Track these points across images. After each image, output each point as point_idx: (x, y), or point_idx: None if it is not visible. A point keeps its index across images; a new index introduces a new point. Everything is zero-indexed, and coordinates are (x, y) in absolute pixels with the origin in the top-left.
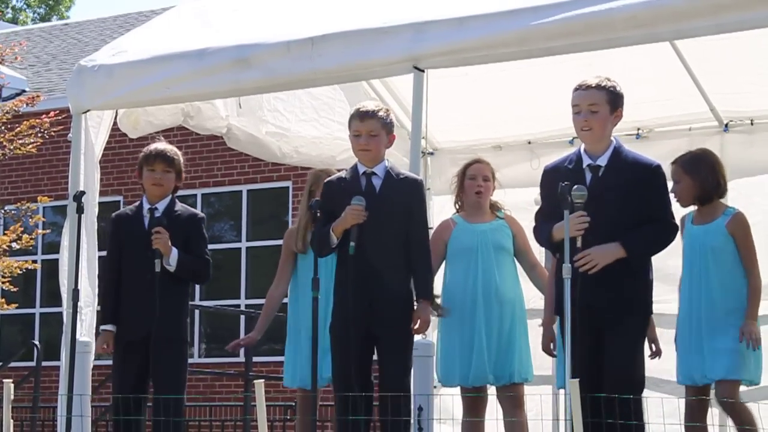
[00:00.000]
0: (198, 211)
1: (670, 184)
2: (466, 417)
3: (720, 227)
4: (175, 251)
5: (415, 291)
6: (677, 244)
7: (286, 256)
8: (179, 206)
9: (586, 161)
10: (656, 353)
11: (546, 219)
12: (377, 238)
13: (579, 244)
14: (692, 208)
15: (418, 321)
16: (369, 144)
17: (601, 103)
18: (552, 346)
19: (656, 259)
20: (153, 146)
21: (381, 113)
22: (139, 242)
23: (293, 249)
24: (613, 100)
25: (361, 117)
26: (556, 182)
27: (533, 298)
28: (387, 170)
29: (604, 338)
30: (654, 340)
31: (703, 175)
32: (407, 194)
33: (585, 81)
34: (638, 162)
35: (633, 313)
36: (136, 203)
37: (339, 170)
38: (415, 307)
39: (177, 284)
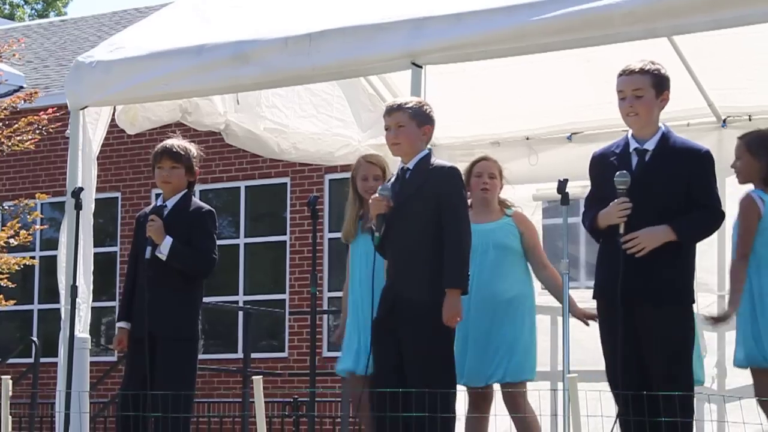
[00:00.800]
0: (206, 205)
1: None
2: (470, 413)
3: None
4: (168, 239)
5: (444, 280)
6: None
7: (347, 248)
8: (193, 201)
9: (633, 145)
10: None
11: (593, 204)
12: (402, 236)
13: (622, 230)
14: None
15: (446, 312)
16: (398, 137)
17: (645, 87)
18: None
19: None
20: (162, 143)
21: (409, 104)
22: (146, 240)
23: (345, 241)
24: (659, 83)
25: (388, 111)
26: (604, 168)
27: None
28: (418, 162)
29: (644, 327)
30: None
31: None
32: (437, 183)
33: (629, 66)
34: (687, 147)
35: (676, 302)
36: (155, 203)
37: (333, 167)
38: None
39: (179, 279)
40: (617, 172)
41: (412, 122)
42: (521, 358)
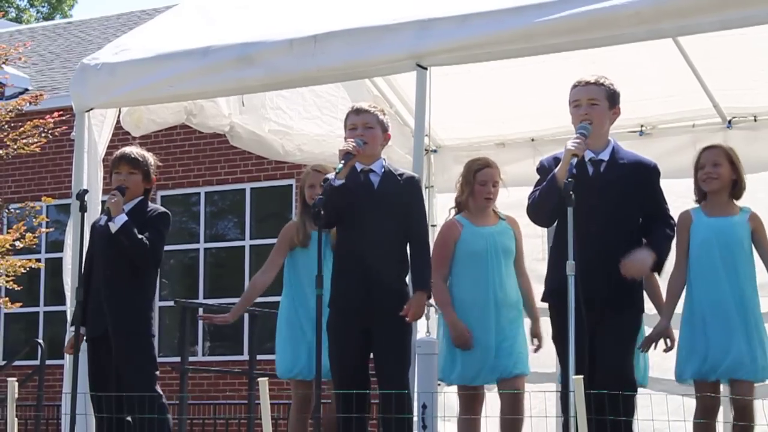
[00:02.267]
0: (162, 208)
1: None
2: (462, 414)
3: (743, 221)
4: (123, 216)
5: (411, 283)
6: None
7: (280, 247)
8: (150, 207)
9: (588, 155)
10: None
11: None
12: (374, 234)
13: (574, 162)
14: (692, 204)
15: (411, 308)
16: (365, 135)
17: (600, 98)
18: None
19: None
20: (120, 150)
21: (376, 110)
22: (101, 242)
23: (294, 241)
24: (611, 96)
25: (356, 111)
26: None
27: None
28: (385, 168)
29: (597, 331)
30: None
31: (740, 170)
32: (406, 193)
33: (582, 78)
34: (638, 160)
35: (630, 307)
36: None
37: (335, 167)
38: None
39: (137, 277)
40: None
41: (378, 126)
42: (524, 353)
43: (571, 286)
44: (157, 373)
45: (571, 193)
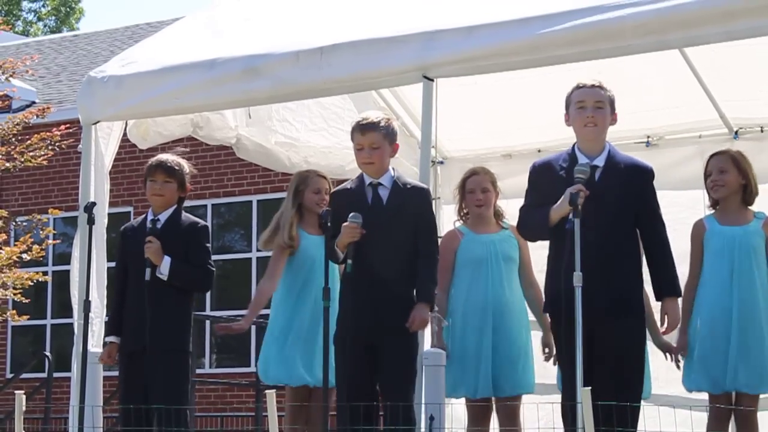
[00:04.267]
0: (200, 220)
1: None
2: (470, 427)
3: (757, 229)
4: (167, 260)
5: (416, 295)
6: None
7: (279, 252)
8: (184, 216)
9: (583, 160)
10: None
11: (533, 210)
12: (384, 248)
13: (571, 216)
14: (707, 211)
15: (414, 320)
16: (372, 157)
17: (604, 101)
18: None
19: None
20: (156, 157)
21: (382, 124)
22: (139, 254)
23: (281, 244)
24: (612, 102)
25: (362, 130)
26: (548, 179)
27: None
28: (394, 180)
29: (598, 340)
30: (549, 345)
31: (749, 174)
32: (415, 204)
33: (587, 81)
34: (635, 164)
35: (631, 315)
36: (143, 216)
37: (342, 180)
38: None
39: (175, 295)
40: (578, 164)
41: (385, 142)
42: (529, 370)
43: (578, 298)
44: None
45: (578, 204)
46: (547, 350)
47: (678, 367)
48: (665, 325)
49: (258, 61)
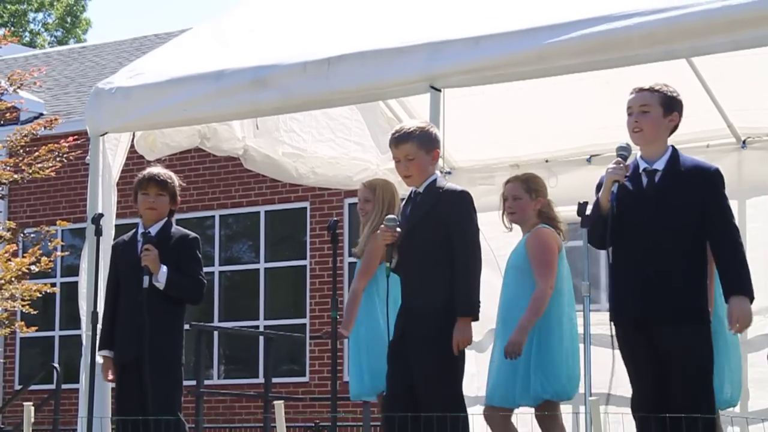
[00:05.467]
0: (190, 232)
1: None
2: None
3: None
4: (164, 269)
5: (455, 307)
6: None
7: (375, 252)
8: (174, 229)
9: (642, 166)
10: None
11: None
12: (414, 258)
13: (615, 189)
14: None
15: (456, 340)
16: (409, 169)
17: (652, 104)
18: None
19: None
20: (147, 170)
21: (415, 133)
22: (132, 267)
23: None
24: (668, 102)
25: (395, 143)
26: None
27: None
28: (428, 185)
29: (666, 351)
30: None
31: None
32: (445, 205)
33: (638, 85)
34: (697, 166)
35: (692, 322)
36: (133, 230)
37: (354, 190)
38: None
39: (169, 305)
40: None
41: (420, 151)
42: (556, 378)
43: (586, 308)
44: (182, 399)
45: (586, 213)
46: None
47: None
48: (735, 324)
49: (265, 72)
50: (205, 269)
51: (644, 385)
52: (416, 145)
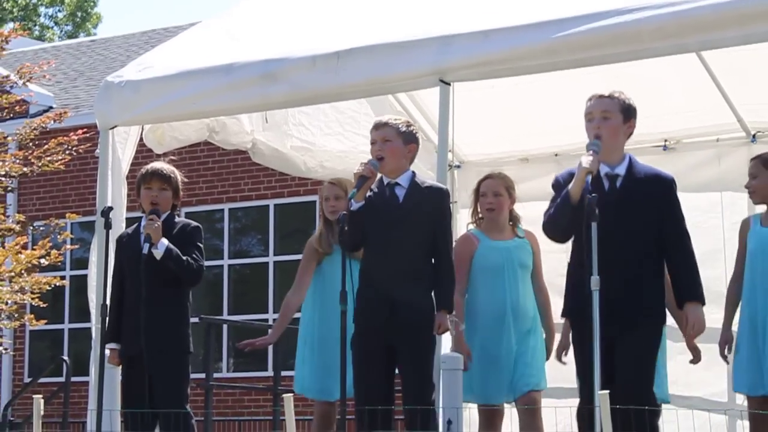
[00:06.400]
0: (193, 221)
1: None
2: (482, 430)
3: None
4: (165, 240)
5: (436, 302)
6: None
7: (307, 263)
8: (178, 220)
9: (604, 170)
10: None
11: None
12: (399, 248)
13: (589, 179)
14: (758, 209)
15: (440, 325)
16: (383, 150)
17: (613, 111)
18: (564, 354)
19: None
20: (150, 165)
21: (395, 122)
22: (135, 260)
23: (318, 249)
24: (626, 110)
25: (375, 126)
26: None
27: None
28: (412, 180)
29: (617, 346)
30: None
31: None
32: (431, 203)
33: (597, 92)
34: (656, 174)
35: (649, 320)
36: (136, 224)
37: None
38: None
39: (172, 294)
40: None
41: (398, 138)
42: (541, 368)
43: (595, 302)
44: (189, 391)
45: (596, 208)
46: (564, 353)
47: (726, 361)
48: (690, 330)
49: (274, 65)
50: (214, 262)
51: (592, 380)
52: (395, 132)
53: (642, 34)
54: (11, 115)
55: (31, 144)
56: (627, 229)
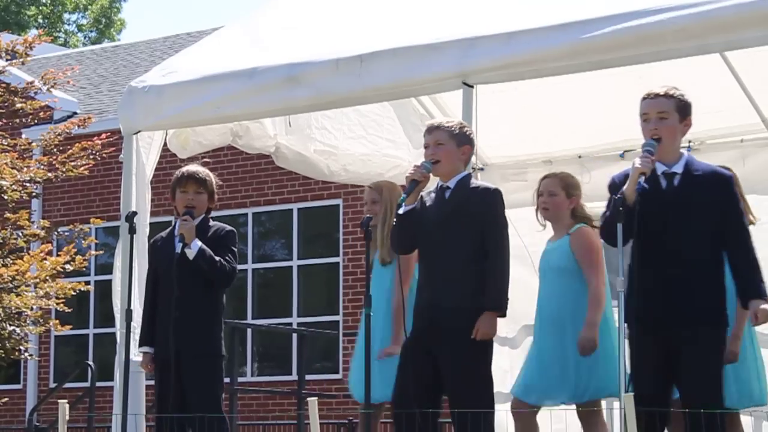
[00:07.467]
0: (227, 226)
1: None
2: None
3: None
4: (198, 241)
5: (484, 302)
6: None
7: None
8: (211, 223)
9: (661, 168)
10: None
11: None
12: (444, 250)
13: (643, 180)
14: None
15: (478, 329)
16: (437, 154)
17: (670, 110)
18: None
19: None
20: (185, 168)
21: (448, 124)
22: (169, 264)
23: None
24: (682, 108)
25: (428, 130)
26: None
27: None
28: (459, 181)
29: (677, 353)
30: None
31: None
32: (478, 203)
33: (652, 90)
34: (713, 171)
35: (708, 324)
36: (170, 228)
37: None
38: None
39: (206, 296)
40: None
41: (451, 141)
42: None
43: (621, 304)
44: (224, 395)
45: (620, 208)
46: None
47: None
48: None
49: (298, 69)
50: (239, 266)
51: (649, 384)
52: (448, 135)
53: (665, 35)
54: (36, 121)
55: (55, 150)
56: (685, 228)
